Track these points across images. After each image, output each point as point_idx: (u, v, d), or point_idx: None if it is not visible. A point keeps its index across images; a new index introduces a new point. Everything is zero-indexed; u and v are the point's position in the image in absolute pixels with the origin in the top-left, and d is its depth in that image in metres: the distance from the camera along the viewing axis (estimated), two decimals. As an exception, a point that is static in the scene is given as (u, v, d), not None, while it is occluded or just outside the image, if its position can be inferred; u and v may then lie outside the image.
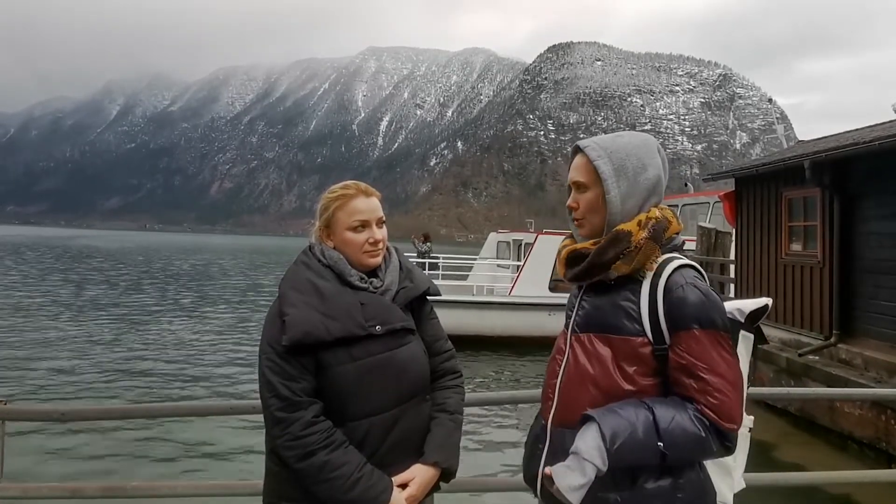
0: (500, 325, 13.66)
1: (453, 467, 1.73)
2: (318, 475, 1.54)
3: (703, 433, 1.35)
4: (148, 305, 20.72)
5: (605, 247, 1.47)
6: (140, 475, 6.06)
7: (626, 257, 1.45)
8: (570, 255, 1.56)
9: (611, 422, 1.35)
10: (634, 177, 1.51)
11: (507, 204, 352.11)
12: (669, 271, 1.44)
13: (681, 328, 1.40)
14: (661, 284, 1.43)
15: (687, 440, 1.35)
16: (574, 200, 1.58)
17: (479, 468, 6.30)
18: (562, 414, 1.50)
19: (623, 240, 1.46)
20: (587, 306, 1.53)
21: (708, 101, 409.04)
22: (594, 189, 1.53)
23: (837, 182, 7.71)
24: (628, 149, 1.53)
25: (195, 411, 4.80)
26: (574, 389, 1.49)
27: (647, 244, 1.46)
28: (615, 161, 1.51)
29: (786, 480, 3.83)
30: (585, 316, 1.52)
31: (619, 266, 1.46)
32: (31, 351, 12.36)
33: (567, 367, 1.52)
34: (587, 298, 1.55)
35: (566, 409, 1.49)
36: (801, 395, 6.42)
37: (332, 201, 1.77)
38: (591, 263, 1.49)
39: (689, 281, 1.42)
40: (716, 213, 14.21)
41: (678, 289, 1.41)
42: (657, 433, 1.34)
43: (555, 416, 1.52)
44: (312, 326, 1.59)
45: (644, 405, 1.38)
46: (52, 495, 2.47)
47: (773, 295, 9.13)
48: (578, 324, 1.53)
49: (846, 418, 6.72)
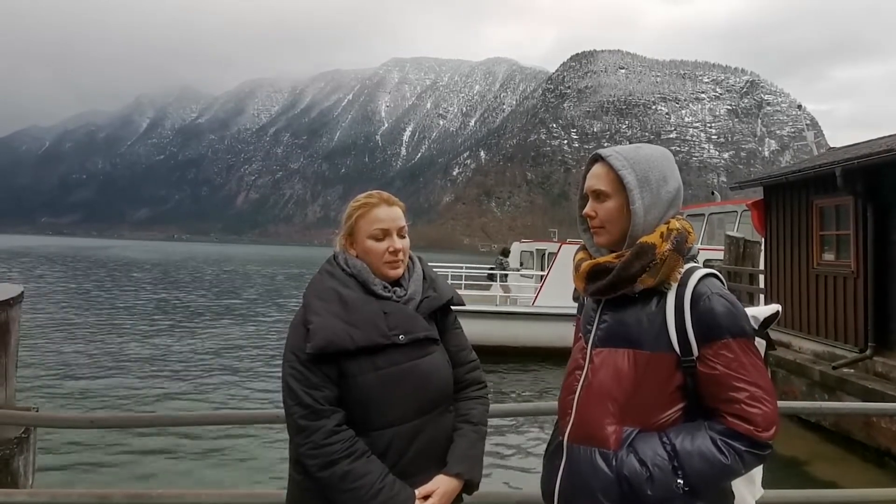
0: (524, 336, 13.58)
1: (476, 479, 1.71)
2: (341, 485, 1.54)
3: (728, 460, 1.34)
4: (178, 314, 21.07)
5: (631, 260, 1.45)
6: (165, 482, 6.14)
7: (652, 270, 1.44)
8: (593, 270, 1.52)
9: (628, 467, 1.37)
10: (657, 188, 1.50)
11: (531, 213, 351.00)
12: (695, 282, 1.43)
13: (712, 339, 1.38)
14: (688, 295, 1.42)
15: (712, 471, 1.35)
16: (592, 209, 1.56)
17: (502, 480, 6.24)
18: (579, 430, 1.49)
19: (648, 252, 1.45)
20: (609, 320, 1.50)
21: (735, 108, 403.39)
22: (616, 199, 1.52)
23: (870, 190, 7.53)
24: (651, 161, 1.52)
25: (221, 420, 4.85)
26: (593, 406, 1.47)
27: (671, 256, 1.45)
28: (639, 172, 1.50)
29: (819, 498, 3.72)
30: (607, 330, 1.50)
31: (645, 279, 1.44)
32: (65, 359, 12.65)
33: (586, 382, 1.50)
34: (608, 312, 1.52)
35: (584, 425, 1.47)
36: (834, 410, 6.23)
37: (354, 210, 1.78)
38: (618, 277, 1.46)
39: (715, 291, 1.41)
40: (744, 221, 13.96)
41: (705, 299, 1.40)
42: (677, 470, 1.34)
43: (571, 432, 1.50)
44: (336, 335, 1.59)
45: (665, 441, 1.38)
46: (81, 501, 2.50)
47: (805, 306, 8.91)
48: (600, 338, 1.51)
49: (883, 434, 6.51)
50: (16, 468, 3.05)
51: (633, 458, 1.37)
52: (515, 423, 8.23)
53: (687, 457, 1.34)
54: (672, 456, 1.35)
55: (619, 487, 1.37)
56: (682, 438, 1.37)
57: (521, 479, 6.56)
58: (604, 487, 1.39)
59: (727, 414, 1.36)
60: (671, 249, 1.45)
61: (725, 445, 1.34)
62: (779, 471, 6.38)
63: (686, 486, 1.34)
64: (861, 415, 6.70)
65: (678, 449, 1.35)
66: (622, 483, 1.37)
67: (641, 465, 1.36)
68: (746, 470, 1.38)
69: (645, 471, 1.35)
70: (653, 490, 1.34)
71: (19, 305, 3.33)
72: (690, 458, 1.34)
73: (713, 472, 1.34)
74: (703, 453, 1.34)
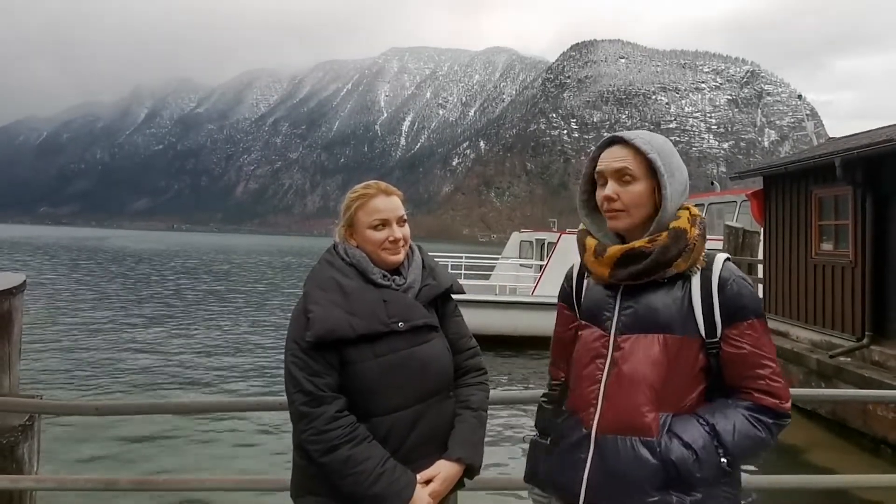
0: (523, 325, 13.62)
1: (477, 464, 1.75)
2: (342, 469, 1.57)
3: (762, 433, 1.42)
4: (181, 303, 21.11)
5: (669, 245, 1.46)
6: (170, 469, 6.18)
7: (686, 255, 1.47)
8: (627, 254, 1.48)
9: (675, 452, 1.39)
10: (679, 175, 1.53)
11: (530, 203, 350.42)
12: (720, 266, 1.48)
13: (739, 320, 1.44)
14: (715, 279, 1.46)
15: (751, 445, 1.41)
16: (614, 192, 1.50)
17: (502, 466, 6.30)
18: (613, 421, 1.46)
19: (682, 237, 1.47)
20: (635, 306, 1.48)
21: (735, 98, 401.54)
22: (644, 182, 1.49)
23: (870, 180, 7.53)
24: (668, 148, 1.53)
25: (225, 407, 4.90)
26: (628, 394, 1.44)
27: (699, 241, 1.49)
28: (663, 158, 1.50)
29: (815, 483, 3.76)
30: (633, 316, 1.48)
31: (679, 264, 1.47)
32: (69, 347, 12.69)
33: (614, 370, 1.47)
34: (632, 298, 1.49)
35: (619, 414, 1.45)
36: (831, 397, 6.29)
37: (353, 201, 1.80)
38: (656, 262, 1.46)
39: (738, 274, 1.48)
40: (743, 212, 13.97)
41: (732, 283, 1.46)
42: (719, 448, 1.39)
43: (602, 423, 1.47)
44: (336, 323, 1.62)
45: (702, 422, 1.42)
46: (87, 487, 2.54)
47: (803, 295, 8.95)
48: (625, 325, 1.48)
49: (879, 422, 6.56)
50: (20, 455, 3.08)
51: (678, 443, 1.39)
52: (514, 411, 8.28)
53: (727, 435, 1.39)
54: (713, 436, 1.39)
55: (666, 474, 1.38)
56: (717, 418, 1.41)
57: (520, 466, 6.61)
58: (648, 476, 1.39)
59: (754, 390, 1.43)
60: (699, 235, 1.49)
61: (756, 420, 1.42)
62: (776, 458, 6.44)
63: (728, 464, 1.39)
64: (858, 402, 6.75)
65: (718, 429, 1.39)
66: (669, 469, 1.37)
67: (688, 448, 1.38)
68: (774, 441, 1.46)
69: (692, 454, 1.37)
70: (701, 472, 1.37)
71: (22, 294, 3.36)
72: (730, 436, 1.39)
73: (751, 445, 1.41)
74: (740, 430, 1.40)
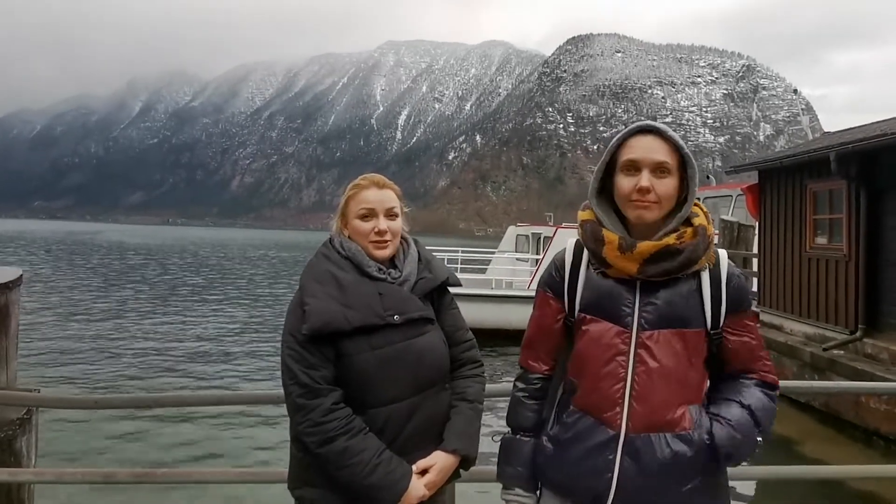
0: (519, 319, 13.63)
1: (472, 455, 1.76)
2: (339, 461, 1.59)
3: (776, 405, 1.55)
4: (177, 296, 21.08)
5: (699, 241, 1.49)
6: (170, 462, 6.20)
7: (709, 251, 1.52)
8: (661, 251, 1.46)
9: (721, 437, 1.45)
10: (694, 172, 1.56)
11: (527, 197, 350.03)
12: (726, 261, 1.55)
13: (741, 311, 1.54)
14: (724, 274, 1.52)
15: (770, 417, 1.52)
16: (650, 182, 1.47)
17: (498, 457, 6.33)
18: (646, 419, 1.44)
19: (705, 234, 1.51)
20: (658, 302, 1.48)
21: (731, 92, 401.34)
22: (674, 175, 1.51)
23: (864, 174, 7.56)
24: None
25: (222, 400, 4.93)
26: (660, 391, 1.45)
27: (714, 238, 1.55)
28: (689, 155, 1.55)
29: (809, 473, 3.80)
30: (657, 312, 1.47)
31: (703, 261, 1.51)
32: (66, 340, 12.67)
33: (641, 368, 1.46)
34: (653, 294, 1.48)
35: (653, 412, 1.44)
36: (824, 389, 6.34)
37: (347, 191, 1.83)
38: (688, 259, 1.48)
39: (737, 269, 1.57)
40: (738, 206, 14.00)
41: (736, 277, 1.55)
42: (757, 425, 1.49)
43: (635, 421, 1.45)
44: (332, 316, 1.63)
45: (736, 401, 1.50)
46: (86, 480, 2.55)
47: (797, 289, 9.00)
48: (649, 321, 1.47)
49: (872, 413, 6.62)
50: (18, 449, 3.08)
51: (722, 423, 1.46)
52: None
53: (761, 412, 1.49)
54: (751, 413, 1.48)
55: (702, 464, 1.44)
56: (747, 397, 1.51)
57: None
58: (685, 470, 1.43)
59: (761, 370, 1.55)
60: (714, 231, 1.56)
61: (768, 395, 1.54)
62: (771, 449, 6.49)
63: (761, 437, 1.50)
64: (851, 394, 6.81)
65: (753, 407, 1.49)
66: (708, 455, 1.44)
67: (735, 429, 1.45)
68: None
69: (739, 434, 1.45)
70: (746, 450, 1.46)
71: (18, 288, 3.35)
72: (761, 412, 1.49)
73: (770, 418, 1.52)
74: (764, 406, 1.51)
